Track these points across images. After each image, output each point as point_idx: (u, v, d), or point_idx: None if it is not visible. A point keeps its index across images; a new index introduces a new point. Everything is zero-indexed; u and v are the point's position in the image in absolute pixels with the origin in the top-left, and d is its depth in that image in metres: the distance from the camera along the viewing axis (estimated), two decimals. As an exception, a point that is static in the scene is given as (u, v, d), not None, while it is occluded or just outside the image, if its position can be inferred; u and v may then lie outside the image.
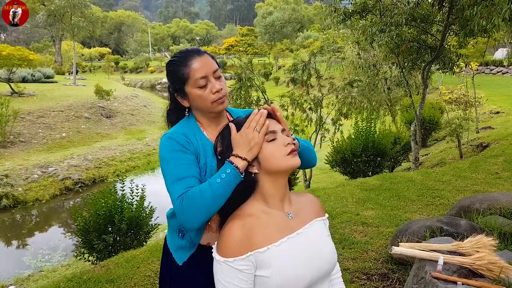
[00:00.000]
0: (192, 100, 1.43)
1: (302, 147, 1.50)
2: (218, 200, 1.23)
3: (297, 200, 1.38)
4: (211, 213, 1.24)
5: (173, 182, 1.29)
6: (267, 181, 1.28)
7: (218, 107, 1.42)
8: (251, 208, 1.27)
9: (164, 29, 79.13)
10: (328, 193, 5.49)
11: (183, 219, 1.24)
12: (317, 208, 1.41)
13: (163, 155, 1.36)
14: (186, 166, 1.32)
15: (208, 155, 1.41)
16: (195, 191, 1.23)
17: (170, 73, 1.44)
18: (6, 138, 13.94)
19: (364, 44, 8.91)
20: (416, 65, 7.94)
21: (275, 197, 1.29)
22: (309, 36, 45.17)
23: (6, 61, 18.19)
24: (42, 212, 11.30)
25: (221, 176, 1.23)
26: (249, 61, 7.19)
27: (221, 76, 1.44)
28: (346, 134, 8.23)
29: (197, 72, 1.38)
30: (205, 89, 1.39)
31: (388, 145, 7.88)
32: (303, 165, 1.58)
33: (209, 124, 1.48)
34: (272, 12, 52.02)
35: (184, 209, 1.23)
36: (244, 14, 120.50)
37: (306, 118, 8.31)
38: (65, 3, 26.13)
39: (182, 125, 1.46)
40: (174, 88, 1.46)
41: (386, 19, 6.57)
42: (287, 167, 1.25)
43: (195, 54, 1.41)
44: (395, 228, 3.94)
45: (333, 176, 10.40)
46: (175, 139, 1.38)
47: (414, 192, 5.21)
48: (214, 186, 1.22)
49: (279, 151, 1.25)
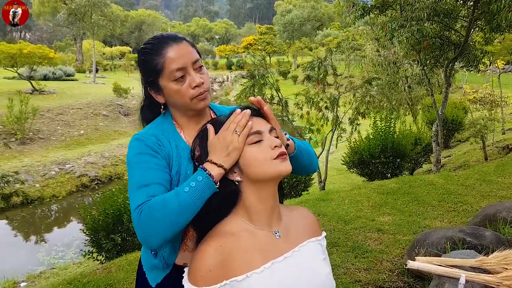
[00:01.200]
0: (168, 95, 1.22)
1: (298, 149, 1.29)
2: (184, 214, 1.02)
3: (289, 215, 1.17)
4: (175, 230, 1.03)
5: (135, 189, 1.09)
6: (252, 192, 1.07)
7: (198, 105, 1.21)
8: (231, 226, 1.06)
9: (184, 28, 79.57)
10: (343, 196, 5.24)
11: (140, 235, 1.03)
12: (312, 225, 1.19)
13: (129, 158, 1.17)
14: (152, 171, 1.12)
15: (182, 162, 1.20)
16: (157, 201, 1.03)
17: (142, 63, 1.24)
18: (25, 135, 14.13)
19: (383, 41, 8.60)
20: (439, 63, 7.61)
21: (261, 212, 1.08)
22: (328, 34, 44.61)
23: (27, 59, 18.48)
24: (58, 208, 11.37)
25: (190, 184, 1.03)
26: (263, 58, 6.99)
27: (202, 67, 1.22)
28: (364, 134, 7.96)
29: (173, 62, 1.17)
30: (183, 82, 1.18)
31: (408, 146, 7.60)
32: (300, 171, 1.36)
33: (187, 124, 1.27)
34: (291, 10, 51.56)
35: (142, 223, 1.02)
36: (264, 12, 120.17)
37: (322, 117, 8.05)
38: (86, 2, 26.47)
39: (155, 125, 1.26)
40: (147, 81, 1.24)
41: (407, 14, 6.27)
42: (274, 173, 1.04)
43: (170, 41, 1.19)
44: (413, 236, 3.67)
45: (350, 177, 10.10)
46: (143, 141, 1.18)
47: (435, 197, 4.91)
48: (181, 196, 1.02)
49: (264, 155, 1.04)
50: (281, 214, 1.14)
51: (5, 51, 17.78)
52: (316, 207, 4.85)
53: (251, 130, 1.07)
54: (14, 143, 13.73)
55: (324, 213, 4.57)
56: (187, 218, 1.03)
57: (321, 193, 6.11)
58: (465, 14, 6.87)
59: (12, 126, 13.89)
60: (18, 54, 17.89)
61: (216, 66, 50.91)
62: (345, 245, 3.60)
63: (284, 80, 34.07)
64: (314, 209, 4.76)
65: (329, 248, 3.56)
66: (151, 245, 1.04)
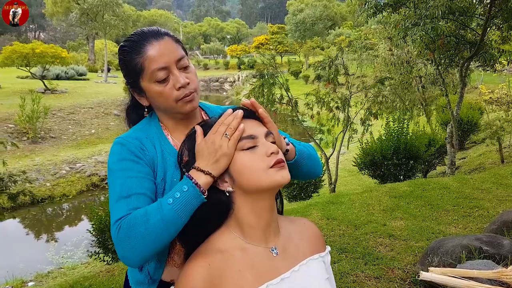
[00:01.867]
0: (151, 98, 1.11)
1: (299, 154, 1.16)
2: (168, 229, 0.91)
3: (288, 228, 1.04)
4: (158, 247, 0.92)
5: (115, 201, 0.98)
6: (245, 204, 0.95)
7: (184, 107, 1.09)
8: (221, 241, 0.95)
9: (195, 28, 79.81)
10: (353, 199, 5.10)
11: (120, 253, 0.92)
12: (315, 239, 1.07)
13: (109, 165, 1.06)
14: (134, 180, 1.00)
15: (168, 168, 1.08)
16: (137, 215, 0.92)
17: (121, 62, 1.12)
18: (37, 134, 14.22)
19: (396, 40, 8.42)
20: (454, 62, 7.39)
21: (256, 226, 0.96)
22: (341, 34, 44.25)
23: (39, 59, 18.64)
24: (68, 207, 11.41)
25: (175, 195, 0.92)
26: (272, 58, 6.86)
27: (188, 66, 1.10)
28: (376, 135, 7.79)
29: (154, 61, 1.05)
30: (166, 83, 1.06)
31: (422, 148, 7.41)
32: (302, 177, 1.23)
33: (175, 126, 1.15)
34: (303, 9, 51.24)
35: (120, 240, 0.91)
36: (275, 12, 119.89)
37: (333, 117, 7.90)
38: (98, 2, 26.66)
39: (140, 128, 1.14)
40: (128, 82, 1.14)
41: (421, 11, 6.10)
42: (269, 184, 0.92)
43: (151, 38, 1.07)
44: (426, 243, 3.53)
45: (362, 179, 9.91)
46: (125, 145, 1.07)
47: (449, 201, 4.74)
48: (164, 208, 0.91)
49: (259, 163, 0.92)
50: (279, 227, 1.02)
51: (18, 51, 17.96)
52: (325, 210, 4.71)
53: (243, 133, 0.95)
54: (25, 142, 13.83)
55: (334, 217, 4.44)
56: (172, 233, 0.92)
57: (331, 195, 5.97)
58: (482, 12, 6.68)
59: (24, 125, 14.00)
60: (30, 53, 18.06)
61: (227, 66, 50.89)
62: (354, 251, 3.46)
63: (295, 79, 33.88)
64: (323, 212, 4.63)
65: (338, 254, 3.43)
66: (132, 264, 0.93)
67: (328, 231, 4.03)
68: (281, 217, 1.07)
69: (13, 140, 13.23)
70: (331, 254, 3.22)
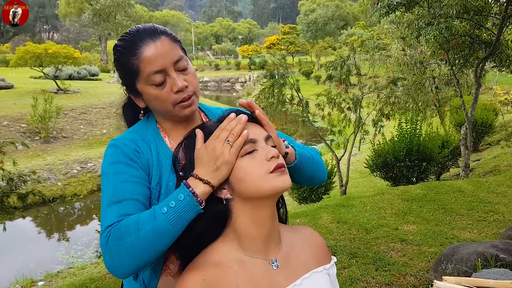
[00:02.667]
0: (147, 100, 1.05)
1: (300, 158, 1.09)
2: (161, 240, 0.84)
3: (290, 238, 0.97)
4: (149, 258, 0.86)
5: (106, 207, 0.93)
6: (244, 212, 0.89)
7: (182, 112, 1.03)
8: (218, 253, 0.88)
9: (207, 28, 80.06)
10: (364, 202, 5.00)
11: (108, 263, 0.86)
12: (320, 250, 1.00)
13: (103, 168, 1.00)
14: (127, 184, 0.94)
15: (164, 171, 1.02)
16: (129, 223, 0.86)
17: (116, 63, 1.06)
18: (49, 134, 14.35)
19: (410, 39, 8.28)
20: (468, 62, 7.24)
21: (256, 237, 0.89)
22: (353, 34, 43.94)
23: (52, 59, 18.82)
24: (79, 207, 11.48)
25: (169, 204, 0.85)
26: (283, 58, 6.78)
27: (187, 68, 1.03)
28: (388, 136, 7.66)
29: (150, 64, 0.98)
30: (163, 86, 1.00)
31: (435, 149, 7.28)
32: (304, 182, 1.16)
33: (173, 128, 1.09)
34: (315, 9, 51.01)
35: (109, 249, 0.85)
36: (287, 12, 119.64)
37: (344, 118, 7.78)
38: (110, 2, 26.87)
39: (136, 129, 1.09)
40: (124, 84, 1.08)
41: (435, 11, 5.97)
42: (269, 190, 0.85)
43: (146, 38, 1.00)
44: (439, 248, 3.42)
45: (374, 181, 9.78)
46: (119, 147, 1.01)
47: (464, 204, 4.61)
48: (157, 217, 0.84)
49: (259, 168, 0.86)
50: (281, 237, 0.95)
51: (31, 51, 18.15)
52: (335, 213, 4.63)
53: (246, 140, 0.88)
54: (38, 142, 13.96)
55: (344, 220, 4.35)
56: (164, 245, 0.86)
57: (342, 198, 5.88)
58: (497, 11, 6.52)
59: (37, 125, 14.14)
60: (43, 54, 18.24)
61: (239, 66, 50.92)
62: (365, 256, 3.38)
63: (307, 80, 33.72)
64: (334, 215, 4.54)
65: (348, 259, 3.34)
66: (120, 275, 0.87)
67: (339, 235, 3.94)
68: (283, 227, 1.00)
69: (26, 140, 13.38)
70: (340, 260, 3.11)
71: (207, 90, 42.20)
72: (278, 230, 0.95)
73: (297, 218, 4.57)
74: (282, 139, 1.06)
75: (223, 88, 43.86)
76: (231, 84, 44.41)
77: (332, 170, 7.32)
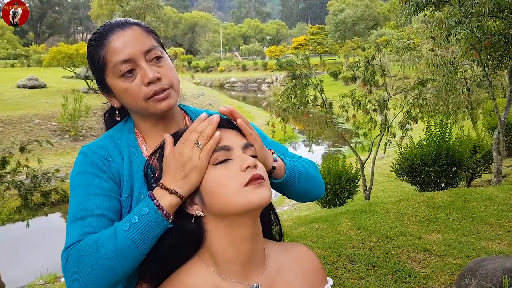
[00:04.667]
0: (118, 96, 0.96)
1: (290, 172, 0.97)
2: (122, 261, 0.75)
3: (279, 260, 0.86)
4: (111, 280, 0.77)
5: (69, 223, 0.84)
6: (218, 232, 0.78)
7: (157, 106, 0.91)
8: (191, 276, 0.78)
9: (235, 29, 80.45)
10: (387, 208, 4.81)
11: (68, 286, 0.78)
12: (313, 275, 0.88)
13: (71, 178, 0.93)
14: (92, 198, 0.86)
15: (136, 183, 0.93)
16: (88, 243, 0.77)
17: (88, 58, 0.98)
18: (78, 132, 14.71)
19: (440, 39, 7.97)
20: (502, 63, 6.93)
21: (233, 261, 0.79)
22: (383, 34, 43.08)
23: (83, 59, 19.30)
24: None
25: (132, 219, 0.77)
26: (306, 58, 6.64)
27: (161, 57, 0.93)
28: (416, 140, 7.41)
29: (116, 52, 0.90)
30: (133, 79, 0.90)
31: (466, 154, 7.01)
32: (297, 198, 1.05)
33: (151, 132, 0.99)
34: (344, 9, 50.33)
35: (69, 270, 0.77)
36: (316, 12, 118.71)
37: (370, 120, 7.56)
38: (140, 4, 27.40)
39: (110, 134, 1.00)
40: (96, 80, 0.99)
41: (466, 9, 5.70)
42: (243, 206, 0.74)
43: (116, 28, 0.92)
44: (465, 260, 3.22)
45: (400, 185, 9.49)
46: (88, 155, 0.92)
47: (494, 213, 4.36)
48: (119, 236, 0.76)
49: (231, 180, 0.75)
50: (265, 258, 0.84)
51: (63, 52, 18.70)
52: (356, 219, 4.46)
53: (218, 143, 0.78)
54: (67, 140, 14.34)
55: (365, 227, 4.19)
56: (128, 266, 0.77)
57: (364, 203, 5.69)
58: (535, 9, 6.16)
59: (66, 124, 14.52)
60: (75, 54, 18.75)
61: (266, 67, 50.86)
62: (384, 266, 3.22)
63: (334, 81, 33.30)
64: (354, 221, 4.38)
65: (366, 268, 3.19)
66: None
67: (358, 242, 3.79)
68: (272, 245, 0.89)
69: (56, 138, 13.76)
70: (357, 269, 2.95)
71: (234, 91, 42.35)
72: (263, 250, 0.84)
73: (316, 223, 4.44)
74: (271, 151, 0.95)
75: (250, 88, 43.91)
76: (258, 85, 44.40)
77: (357, 173, 7.14)
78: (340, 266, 3.24)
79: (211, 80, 46.26)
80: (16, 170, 5.17)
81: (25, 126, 14.37)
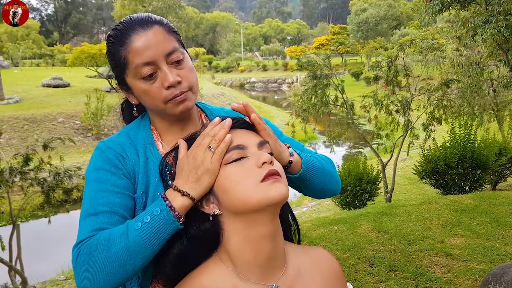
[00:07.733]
0: (137, 96, 0.96)
1: (307, 166, 0.96)
2: (132, 259, 0.76)
3: (298, 262, 0.84)
4: (122, 278, 0.77)
5: (82, 219, 0.85)
6: (236, 231, 0.77)
7: (175, 109, 0.92)
8: (209, 277, 0.77)
9: (256, 29, 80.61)
10: (409, 211, 4.72)
11: (77, 280, 0.79)
12: (333, 278, 0.85)
13: (86, 173, 0.93)
14: (105, 195, 0.86)
15: (151, 180, 0.93)
16: (100, 239, 0.78)
17: (108, 54, 0.98)
18: (100, 131, 14.99)
19: (465, 38, 7.79)
20: (531, 64, 6.69)
21: (252, 262, 0.77)
22: (406, 34, 42.41)
23: (106, 59, 19.66)
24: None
25: (144, 218, 0.77)
26: (327, 58, 6.57)
27: (182, 61, 0.92)
28: (439, 142, 7.25)
29: (138, 55, 0.89)
30: (153, 81, 0.90)
31: (491, 157, 6.85)
32: (313, 194, 1.03)
33: (168, 130, 0.99)
34: (367, 8, 49.77)
35: (79, 266, 0.78)
36: (338, 12, 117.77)
37: (392, 121, 7.43)
38: (162, 4, 27.78)
39: (126, 131, 0.99)
40: (115, 77, 1.00)
41: (493, 7, 5.53)
42: (260, 202, 0.73)
43: (137, 27, 0.91)
44: (489, 266, 3.13)
45: (423, 188, 9.31)
46: (104, 151, 0.93)
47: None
48: (130, 234, 0.76)
49: (247, 177, 0.74)
50: (285, 259, 0.82)
51: (86, 51, 19.10)
52: (377, 222, 4.39)
53: (230, 145, 0.77)
54: (90, 138, 14.62)
55: (386, 230, 4.11)
56: (138, 265, 0.77)
57: (385, 206, 5.59)
58: None
59: (89, 122, 14.80)
60: (98, 54, 19.11)
61: (286, 67, 50.73)
62: (405, 270, 3.15)
63: (356, 81, 32.95)
64: (375, 224, 4.31)
65: (386, 272, 3.13)
66: None
67: (378, 245, 3.72)
68: (291, 246, 0.87)
69: (79, 136, 14.05)
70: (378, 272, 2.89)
71: (254, 91, 42.39)
72: (283, 251, 0.82)
73: (335, 225, 4.38)
74: (286, 145, 0.93)
75: (270, 89, 43.87)
76: (278, 85, 44.33)
77: (378, 175, 7.03)
78: (359, 269, 3.19)
79: (231, 80, 46.44)
80: (39, 167, 5.27)
81: (49, 124, 14.72)
